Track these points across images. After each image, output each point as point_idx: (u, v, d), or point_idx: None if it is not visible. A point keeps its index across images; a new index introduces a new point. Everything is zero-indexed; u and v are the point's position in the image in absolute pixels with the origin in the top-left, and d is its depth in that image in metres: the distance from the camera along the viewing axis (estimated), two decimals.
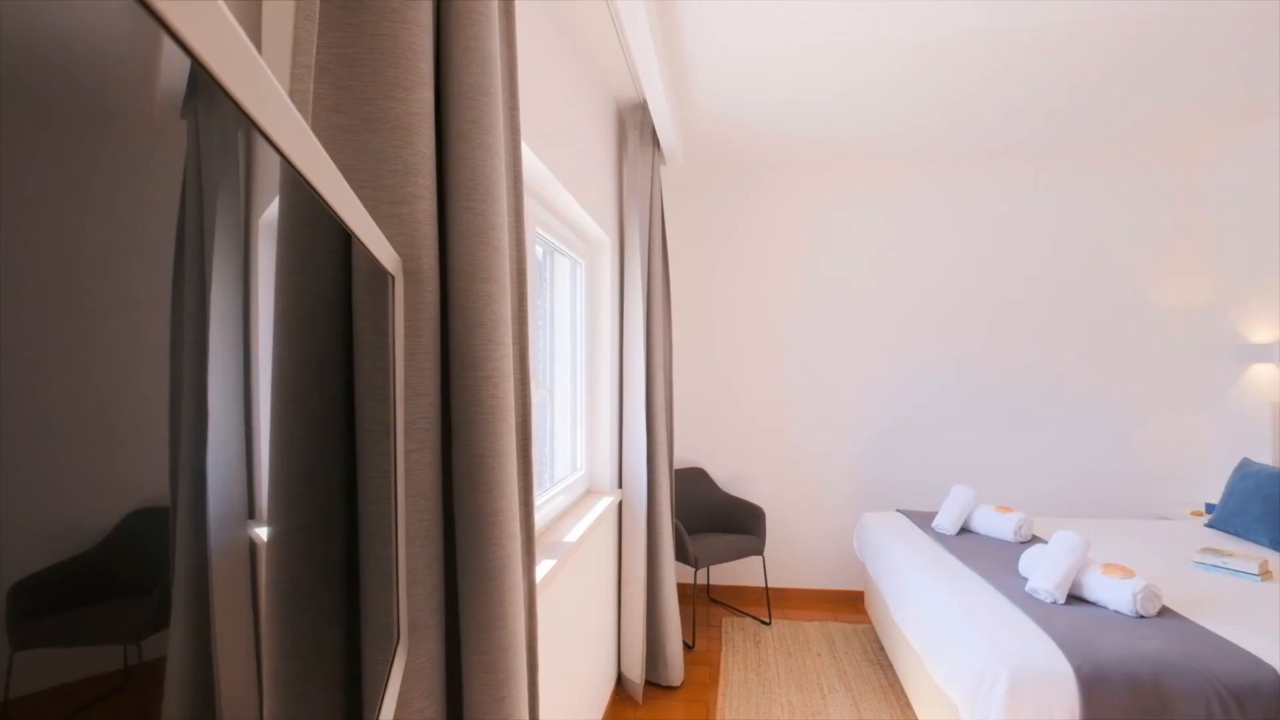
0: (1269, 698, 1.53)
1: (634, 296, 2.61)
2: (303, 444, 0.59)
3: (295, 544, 0.57)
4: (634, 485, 2.59)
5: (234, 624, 0.44)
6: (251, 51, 0.32)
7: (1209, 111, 2.90)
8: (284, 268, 0.56)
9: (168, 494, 0.35)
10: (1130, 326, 3.51)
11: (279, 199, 0.52)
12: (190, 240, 0.38)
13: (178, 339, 0.36)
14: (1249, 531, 2.64)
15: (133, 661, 0.32)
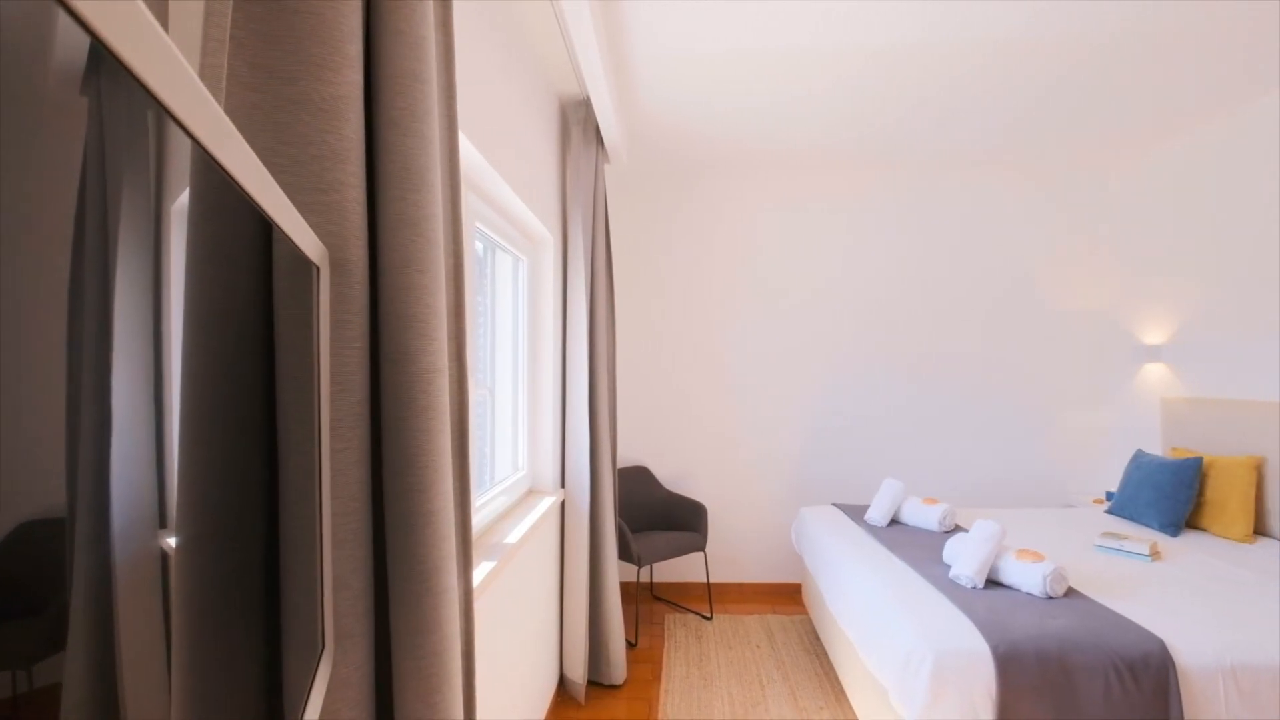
0: (1158, 667, 1.68)
1: (577, 294, 2.59)
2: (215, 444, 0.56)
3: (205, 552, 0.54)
4: (577, 485, 2.57)
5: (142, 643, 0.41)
6: (149, 19, 0.29)
7: (1114, 135, 3.15)
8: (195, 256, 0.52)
9: (65, 503, 0.32)
10: (1040, 330, 3.78)
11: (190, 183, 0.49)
12: (91, 227, 0.35)
13: (76, 334, 0.33)
14: (1142, 516, 2.89)
15: (22, 689, 0.29)
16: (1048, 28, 2.17)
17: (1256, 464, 2.68)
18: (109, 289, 0.37)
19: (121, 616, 0.38)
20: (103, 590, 0.36)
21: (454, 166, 1.01)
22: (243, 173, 0.44)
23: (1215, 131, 3.02)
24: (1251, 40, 2.25)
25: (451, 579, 0.78)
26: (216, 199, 0.53)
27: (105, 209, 0.36)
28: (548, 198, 2.48)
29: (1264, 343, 2.77)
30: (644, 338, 3.84)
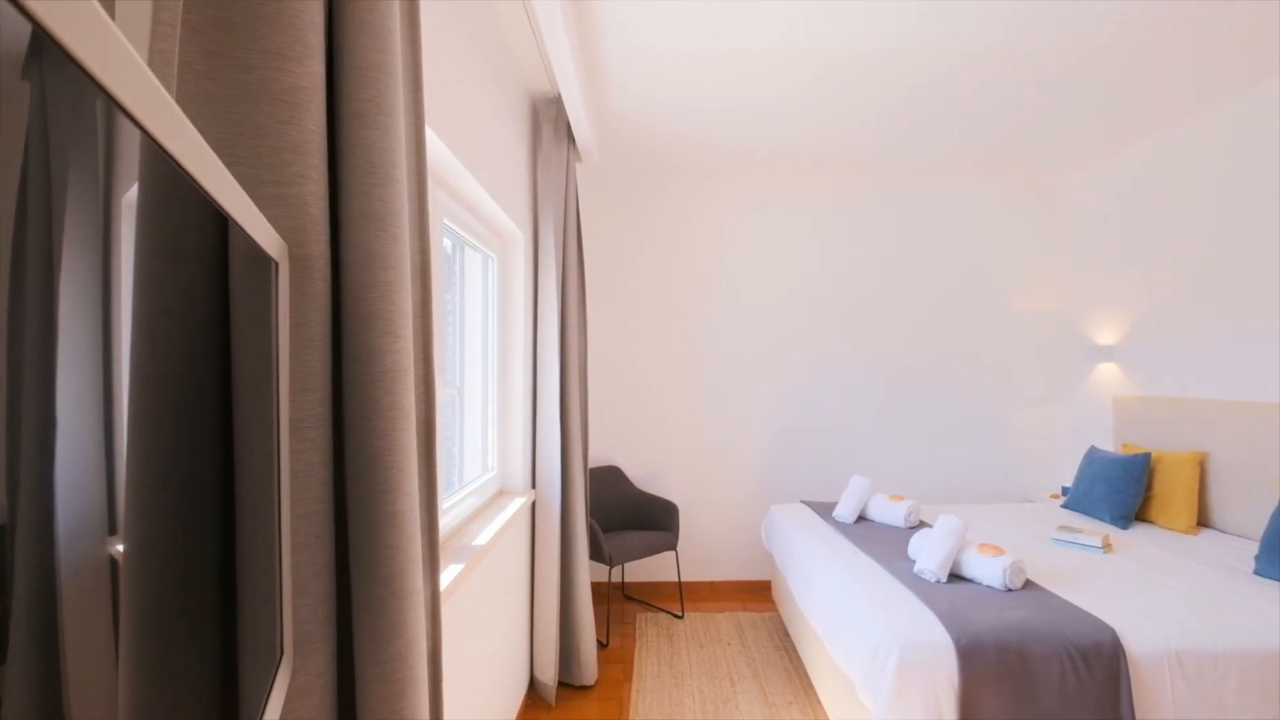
0: (1109, 655, 1.74)
1: (548, 293, 2.57)
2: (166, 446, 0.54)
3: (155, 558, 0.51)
4: (548, 485, 2.55)
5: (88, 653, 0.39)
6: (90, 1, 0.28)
7: (1069, 144, 3.27)
8: (145, 251, 0.50)
9: (4, 508, 0.30)
10: (1000, 331, 3.90)
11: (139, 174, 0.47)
12: (35, 220, 0.33)
13: (17, 332, 0.31)
14: (1095, 510, 3.00)
15: None
16: (1009, 42, 2.24)
17: (1200, 459, 2.81)
18: (53, 285, 0.35)
19: (66, 626, 0.36)
20: (46, 599, 0.34)
21: (421, 161, 0.99)
22: (194, 164, 0.43)
23: (1161, 143, 3.15)
24: (1195, 58, 2.36)
25: (417, 582, 0.77)
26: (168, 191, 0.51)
27: (50, 201, 0.35)
28: (518, 195, 2.45)
29: (1206, 344, 2.91)
30: (616, 337, 3.84)
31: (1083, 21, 2.13)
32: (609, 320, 3.84)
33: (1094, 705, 1.71)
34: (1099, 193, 3.61)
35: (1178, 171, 3.06)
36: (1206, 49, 2.31)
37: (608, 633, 3.14)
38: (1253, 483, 2.60)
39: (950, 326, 3.89)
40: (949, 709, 1.72)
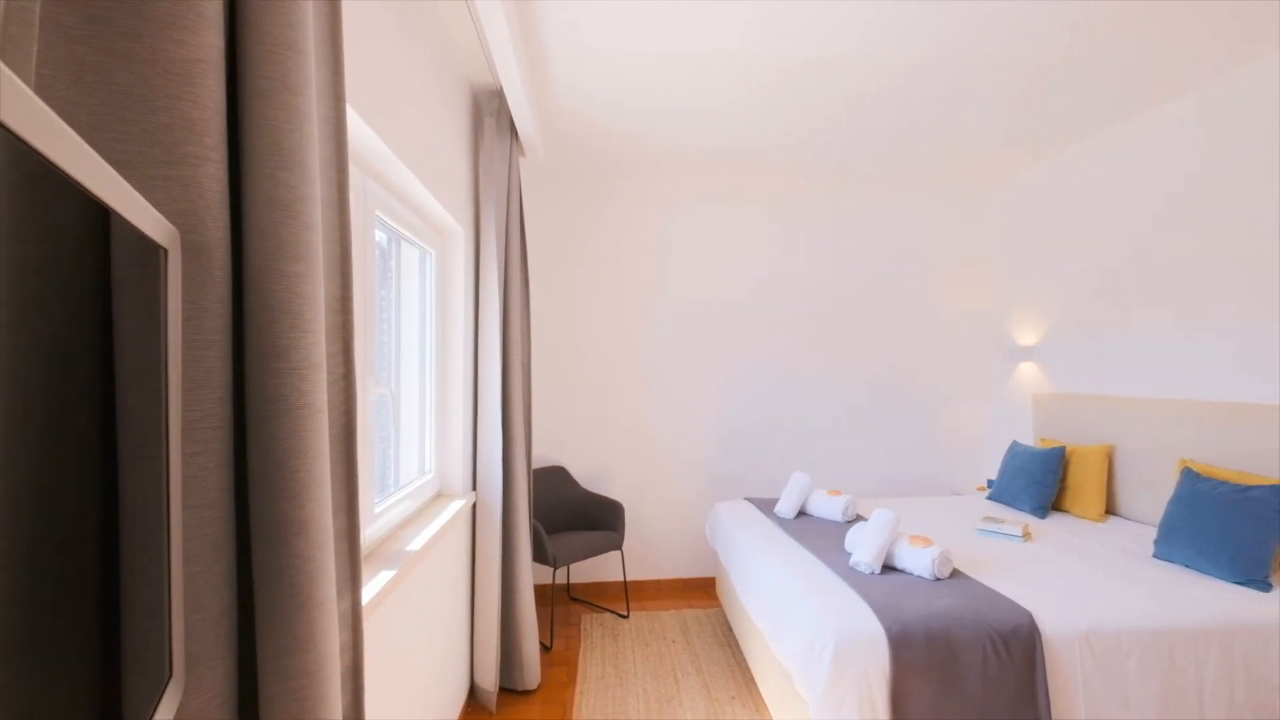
0: (1026, 638, 1.84)
1: (490, 290, 2.51)
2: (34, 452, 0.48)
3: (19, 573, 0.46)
4: (489, 487, 2.49)
5: None
6: None
7: (995, 153, 3.45)
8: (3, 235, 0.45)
9: None
10: (931, 331, 4.08)
11: None
12: None
13: None
14: (1016, 501, 3.18)
15: None
16: (943, 58, 2.33)
17: (1108, 452, 3.02)
18: None
19: None
20: None
21: (341, 147, 0.94)
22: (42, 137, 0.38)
23: (1076, 157, 3.37)
24: (1112, 78, 2.52)
25: (329, 590, 0.72)
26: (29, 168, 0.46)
27: None
28: (458, 189, 2.39)
29: (1113, 345, 3.13)
30: (561, 336, 3.80)
31: (1011, 43, 2.24)
32: (554, 319, 3.80)
33: (1013, 686, 1.81)
34: (1023, 202, 3.82)
35: (1090, 185, 3.28)
36: (1123, 69, 2.48)
37: (551, 635, 3.10)
38: (1153, 473, 2.81)
39: (887, 327, 4.04)
40: (880, 697, 1.77)
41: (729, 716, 2.41)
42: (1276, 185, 2.38)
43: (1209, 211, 2.64)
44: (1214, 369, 2.62)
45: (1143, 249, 2.96)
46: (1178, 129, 2.77)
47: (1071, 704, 1.83)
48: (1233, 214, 2.54)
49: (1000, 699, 1.80)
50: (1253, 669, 1.87)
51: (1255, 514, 2.15)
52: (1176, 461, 2.67)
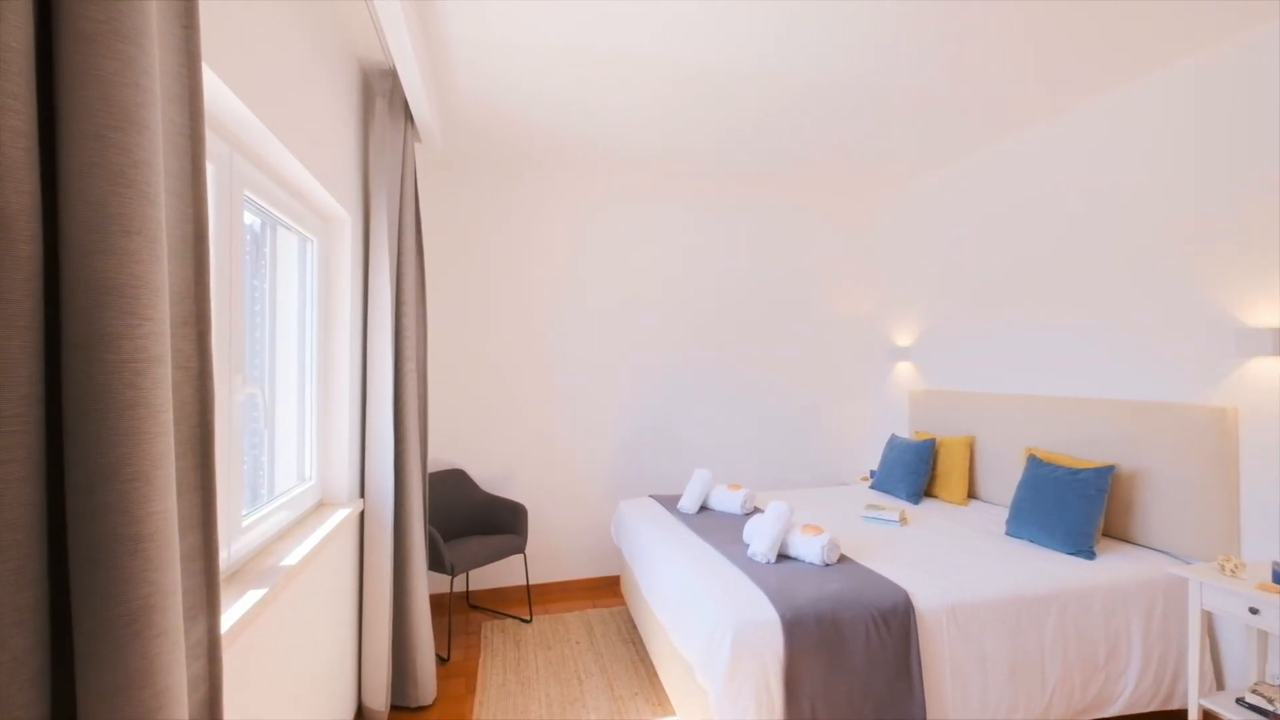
0: (903, 614, 2.00)
1: (381, 284, 2.35)
2: None
3: None
4: (379, 493, 2.34)
5: None
6: None
7: (879, 167, 3.72)
8: None
9: None
10: (819, 332, 4.34)
11: None
12: None
13: None
14: (895, 489, 3.45)
15: None
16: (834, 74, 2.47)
17: (970, 442, 3.36)
18: None
19: None
20: None
21: (196, 112, 0.83)
22: None
23: (946, 175, 3.72)
24: (983, 102, 2.80)
25: (173, 617, 0.63)
26: None
27: None
28: (344, 173, 2.21)
29: (974, 347, 3.49)
30: (461, 335, 3.64)
31: (896, 72, 2.42)
32: (454, 317, 3.63)
33: (891, 657, 1.95)
34: (900, 214, 4.16)
35: (954, 201, 3.63)
36: (991, 94, 2.75)
37: (449, 646, 2.96)
38: (1006, 460, 3.16)
39: (782, 329, 4.25)
40: (775, 680, 1.85)
41: (632, 713, 2.42)
42: (1112, 211, 2.75)
43: (1054, 230, 3.00)
44: (1055, 368, 2.99)
45: (998, 261, 3.33)
46: (1033, 155, 3.14)
47: (939, 669, 2.01)
48: (1073, 233, 2.91)
49: (880, 670, 1.93)
50: (1080, 627, 2.15)
51: (1083, 493, 2.47)
52: (1024, 449, 3.02)
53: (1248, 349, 2.16)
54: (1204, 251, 2.36)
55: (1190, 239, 2.40)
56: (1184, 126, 2.42)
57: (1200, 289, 2.37)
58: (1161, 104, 2.50)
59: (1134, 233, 2.61)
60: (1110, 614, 2.18)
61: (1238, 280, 2.25)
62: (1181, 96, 2.42)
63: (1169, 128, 2.47)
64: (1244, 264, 2.23)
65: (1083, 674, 2.14)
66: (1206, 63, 2.34)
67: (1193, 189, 2.39)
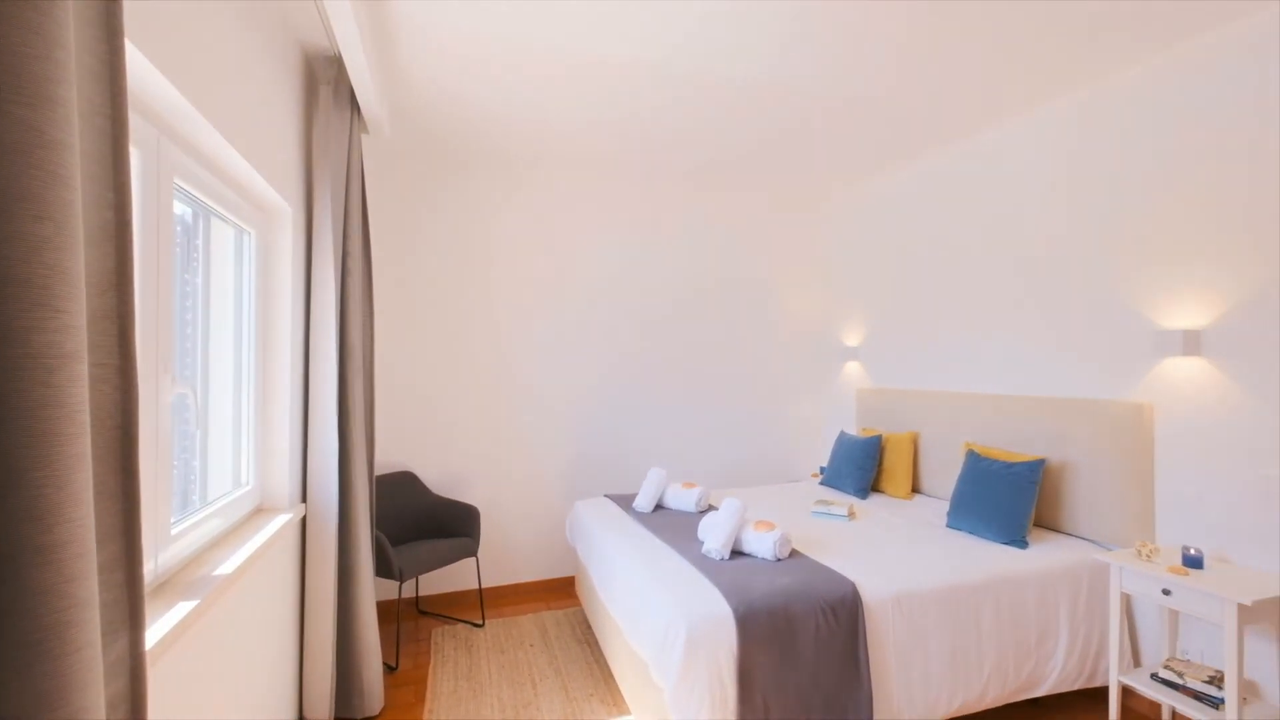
0: (851, 605, 2.06)
1: (325, 280, 2.26)
2: None
3: None
4: (322, 497, 2.25)
5: None
6: None
7: (827, 171, 3.82)
8: None
9: None
10: (771, 333, 4.43)
11: None
12: None
13: None
14: (844, 485, 3.55)
15: None
16: (783, 79, 2.52)
17: (914, 438, 3.49)
18: None
19: None
20: None
21: (118, 91, 0.77)
22: None
23: (891, 180, 3.86)
24: (924, 112, 2.91)
25: (90, 632, 0.58)
26: None
27: None
28: (285, 162, 2.11)
29: (918, 347, 3.63)
30: (413, 333, 3.54)
31: (835, 73, 2.48)
32: (404, 314, 3.53)
33: (840, 647, 2.01)
34: (850, 214, 4.29)
35: (898, 207, 3.77)
36: (931, 105, 2.86)
37: (397, 654, 2.88)
38: (947, 455, 3.30)
39: (737, 329, 4.31)
40: (729, 675, 1.87)
41: (587, 714, 2.41)
42: (1042, 221, 2.91)
43: (990, 237, 3.16)
44: (993, 367, 3.14)
45: (939, 265, 3.47)
46: (971, 165, 3.28)
47: (885, 657, 2.08)
48: (1007, 241, 3.06)
49: (830, 660, 1.99)
50: (1014, 613, 2.26)
51: (1016, 486, 2.61)
52: (963, 445, 3.16)
53: (1162, 350, 2.32)
54: (1124, 261, 2.52)
55: (1112, 249, 2.57)
56: (1107, 143, 2.58)
57: (1121, 295, 2.54)
58: (1087, 121, 2.66)
59: (1062, 243, 2.77)
60: (1041, 600, 2.31)
61: (1153, 287, 2.42)
62: (1104, 115, 2.59)
63: (1094, 144, 2.63)
64: (1158, 273, 2.40)
65: (1016, 657, 2.25)
66: (1131, 82, 2.50)
67: (1114, 203, 2.56)
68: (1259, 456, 2.09)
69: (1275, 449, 2.04)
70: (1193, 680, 2.07)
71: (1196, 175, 2.26)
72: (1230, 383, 2.17)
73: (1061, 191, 2.77)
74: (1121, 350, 2.53)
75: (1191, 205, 2.28)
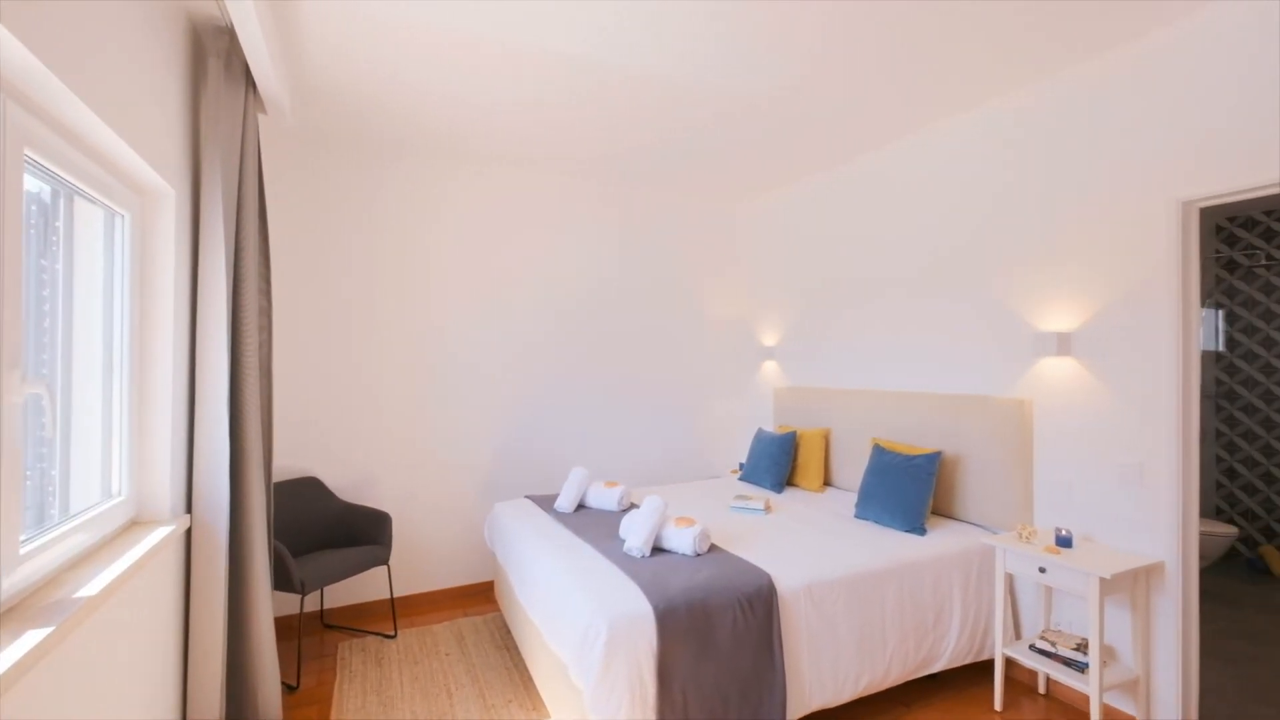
0: (766, 596, 2.13)
1: (214, 270, 2.07)
2: None
3: None
4: (211, 507, 2.06)
5: None
6: None
7: (745, 176, 3.94)
8: None
9: None
10: (694, 332, 4.52)
11: None
12: None
13: None
14: (760, 480, 3.67)
15: None
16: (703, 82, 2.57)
17: (826, 434, 3.66)
18: None
19: None
20: None
21: None
22: None
23: (806, 188, 4.03)
24: (836, 124, 3.05)
25: None
26: None
27: None
28: (167, 139, 1.92)
29: (830, 347, 3.81)
30: (315, 328, 3.32)
31: (759, 80, 2.56)
32: (310, 310, 3.30)
33: (755, 637, 2.07)
34: (768, 219, 4.44)
35: (812, 212, 3.95)
36: (847, 116, 3.01)
37: (299, 672, 2.69)
38: (856, 450, 3.48)
39: (659, 328, 4.36)
40: (649, 672, 1.88)
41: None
42: (939, 230, 3.12)
43: (894, 243, 3.36)
44: (897, 366, 3.34)
45: (849, 270, 3.66)
46: (878, 176, 3.48)
47: (797, 644, 2.16)
48: (908, 248, 3.27)
49: (746, 650, 2.04)
50: (914, 596, 2.42)
51: (916, 477, 2.79)
52: (870, 439, 3.35)
53: (1039, 350, 2.56)
54: (1011, 269, 2.76)
55: (1001, 258, 2.80)
56: (1000, 161, 2.81)
57: (1008, 300, 2.77)
58: (984, 140, 2.88)
59: (960, 251, 3.00)
60: (937, 582, 2.48)
61: (1033, 294, 2.66)
62: (997, 135, 2.82)
63: (989, 161, 2.86)
64: (1038, 280, 2.64)
65: (916, 638, 2.41)
66: (1018, 105, 2.74)
67: (1004, 216, 2.79)
68: (1119, 446, 2.34)
69: (1133, 440, 2.30)
70: (1063, 648, 2.29)
71: (1069, 194, 2.51)
72: (1095, 380, 2.42)
73: (960, 203, 2.99)
74: (1007, 351, 2.77)
75: (1066, 220, 2.53)
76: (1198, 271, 2.20)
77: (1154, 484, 2.23)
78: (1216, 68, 2.06)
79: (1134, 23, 2.16)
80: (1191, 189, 2.13)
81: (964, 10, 2.09)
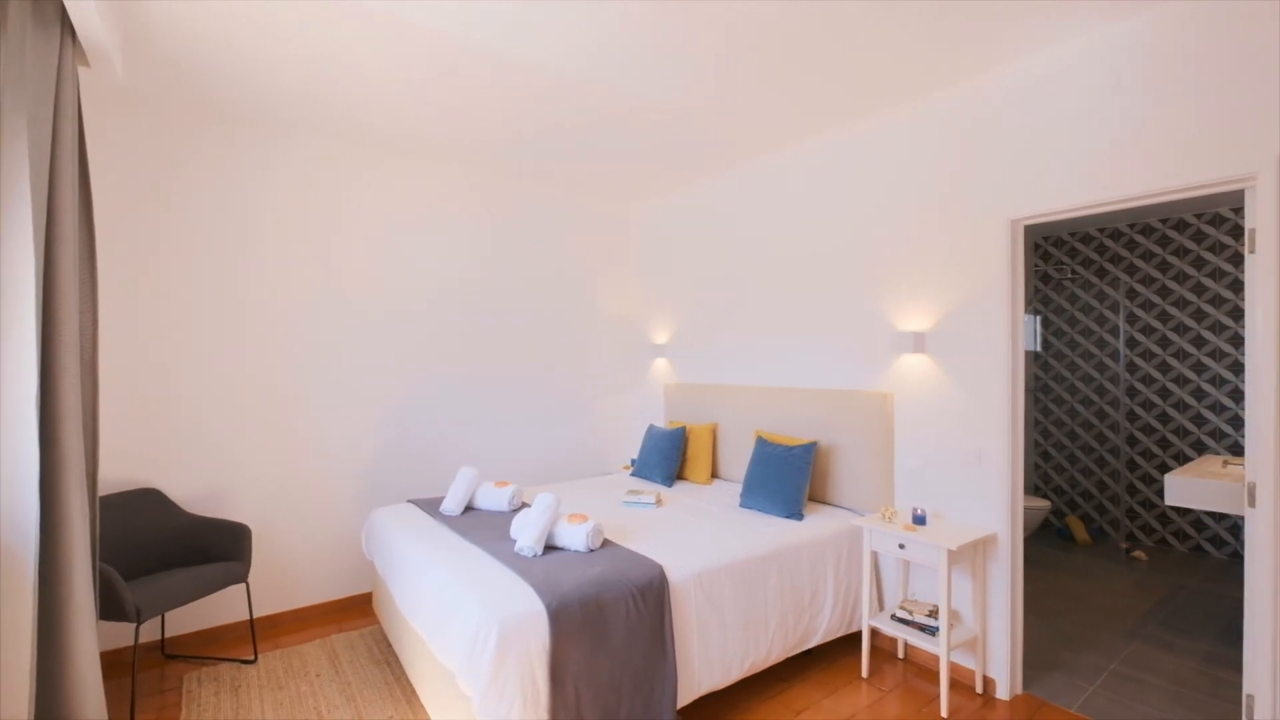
0: (658, 587, 2.17)
1: (18, 247, 1.74)
2: None
3: None
4: (13, 526, 1.73)
5: None
6: None
7: (639, 177, 3.99)
8: None
9: None
10: (586, 330, 4.51)
11: None
12: None
13: None
14: (652, 474, 3.74)
15: None
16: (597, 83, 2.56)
17: (713, 428, 3.81)
18: None
19: None
20: None
21: None
22: None
23: (698, 189, 4.16)
24: (733, 131, 3.17)
25: None
26: None
27: None
28: None
29: (717, 345, 3.97)
30: (154, 319, 2.90)
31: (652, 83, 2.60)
32: (150, 301, 2.88)
33: (648, 629, 2.10)
34: (660, 219, 4.53)
35: (702, 214, 4.09)
36: (737, 124, 3.13)
37: (132, 711, 2.34)
38: (741, 443, 3.66)
39: (551, 325, 4.30)
40: (541, 672, 1.85)
41: None
42: (819, 233, 3.34)
43: (777, 247, 3.56)
44: (779, 363, 3.55)
45: (735, 271, 3.83)
46: (764, 183, 3.67)
47: (688, 631, 2.23)
48: (790, 252, 3.48)
49: (639, 642, 2.07)
50: (793, 578, 2.58)
51: (795, 466, 2.98)
52: (754, 432, 3.53)
53: (898, 348, 2.83)
54: (877, 272, 3.03)
55: (869, 262, 3.06)
56: (870, 173, 3.07)
57: (872, 302, 3.04)
58: (861, 152, 3.13)
59: (834, 255, 3.24)
60: (813, 564, 2.66)
61: (895, 296, 2.94)
62: (872, 149, 3.08)
63: (853, 175, 3.12)
64: (898, 284, 2.92)
65: (795, 615, 2.57)
66: (890, 122, 3.00)
67: (874, 225, 3.05)
68: (963, 433, 2.65)
69: (975, 428, 2.61)
70: (919, 615, 2.56)
71: (925, 208, 2.80)
72: (944, 375, 2.72)
73: (833, 212, 3.23)
74: (872, 349, 3.03)
75: (922, 231, 2.82)
76: (1024, 281, 2.54)
77: (989, 466, 2.55)
78: (1040, 106, 2.39)
79: (974, 60, 2.45)
80: (1018, 209, 2.46)
81: (841, 39, 2.25)
